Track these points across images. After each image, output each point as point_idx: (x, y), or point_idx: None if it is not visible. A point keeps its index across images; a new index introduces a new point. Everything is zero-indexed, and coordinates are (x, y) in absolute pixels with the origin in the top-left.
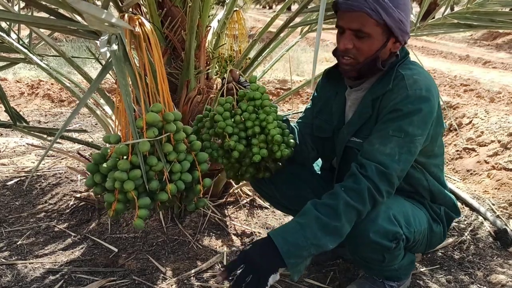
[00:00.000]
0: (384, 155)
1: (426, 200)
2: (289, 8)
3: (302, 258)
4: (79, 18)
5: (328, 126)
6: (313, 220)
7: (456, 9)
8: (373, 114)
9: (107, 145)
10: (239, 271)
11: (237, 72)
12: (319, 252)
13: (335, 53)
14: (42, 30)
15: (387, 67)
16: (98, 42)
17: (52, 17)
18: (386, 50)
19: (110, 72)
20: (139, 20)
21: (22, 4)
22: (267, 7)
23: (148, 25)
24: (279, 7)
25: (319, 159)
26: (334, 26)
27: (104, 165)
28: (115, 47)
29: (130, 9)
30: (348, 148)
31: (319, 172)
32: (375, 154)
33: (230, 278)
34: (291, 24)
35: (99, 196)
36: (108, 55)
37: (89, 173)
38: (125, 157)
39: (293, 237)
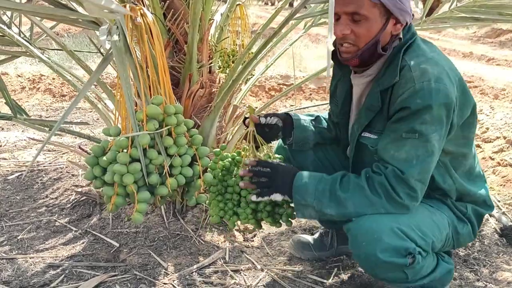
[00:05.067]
0: (401, 161)
1: (449, 199)
2: (291, 5)
3: (304, 201)
4: (80, 9)
5: (337, 109)
6: (330, 181)
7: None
8: (384, 107)
9: (108, 138)
10: (262, 169)
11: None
12: (319, 212)
13: (335, 44)
14: (43, 22)
15: (389, 52)
16: (98, 32)
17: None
18: (386, 33)
19: (112, 65)
20: (141, 10)
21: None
22: (269, 4)
23: (150, 16)
24: (281, 3)
25: None
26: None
27: (104, 158)
28: (116, 37)
29: (132, 1)
30: (361, 144)
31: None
32: (391, 161)
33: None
34: (295, 16)
35: (100, 190)
36: (109, 45)
37: (89, 166)
38: (124, 150)
39: (309, 181)
